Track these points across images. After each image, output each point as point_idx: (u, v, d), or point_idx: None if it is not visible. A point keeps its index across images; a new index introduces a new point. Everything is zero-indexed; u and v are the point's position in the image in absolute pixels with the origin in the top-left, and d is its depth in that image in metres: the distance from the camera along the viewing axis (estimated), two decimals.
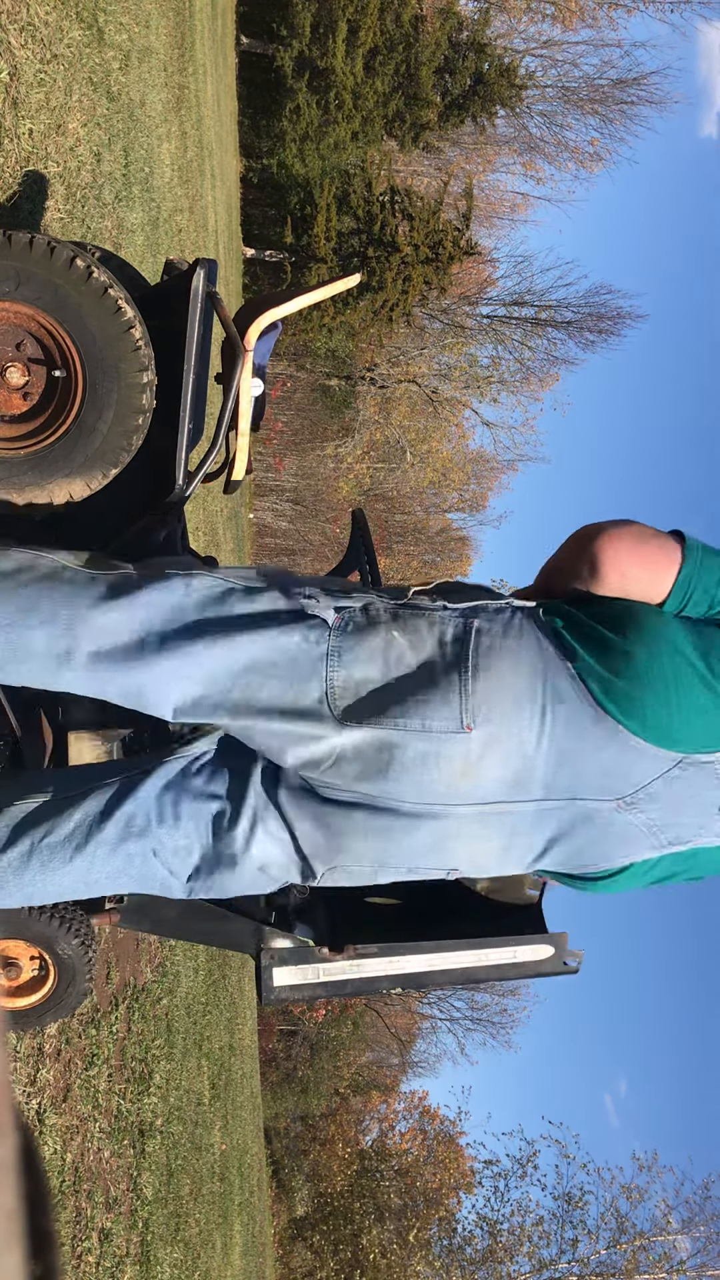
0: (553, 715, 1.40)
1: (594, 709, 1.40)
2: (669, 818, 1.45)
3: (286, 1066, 27.42)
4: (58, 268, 1.72)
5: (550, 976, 1.99)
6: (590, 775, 1.42)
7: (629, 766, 1.41)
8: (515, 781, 1.42)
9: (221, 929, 2.07)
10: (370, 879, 1.56)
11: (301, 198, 20.55)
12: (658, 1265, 22.30)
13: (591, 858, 1.51)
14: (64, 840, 1.53)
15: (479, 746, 1.40)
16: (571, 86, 28.27)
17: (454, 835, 1.47)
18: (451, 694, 1.40)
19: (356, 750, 1.43)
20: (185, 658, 1.44)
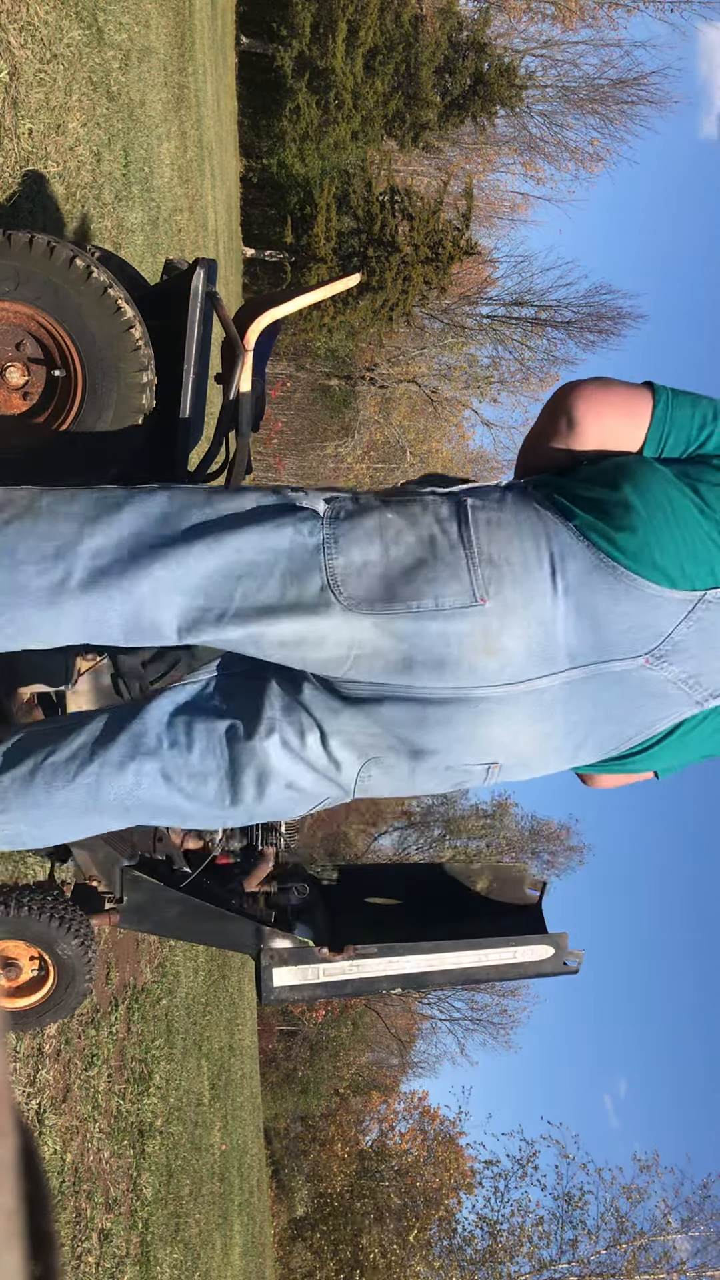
0: (563, 573, 1.37)
1: (602, 560, 1.38)
2: (702, 667, 1.42)
3: (286, 1067, 27.41)
4: (57, 268, 1.72)
5: (550, 977, 1.99)
6: (612, 632, 1.38)
7: (649, 615, 1.38)
8: (540, 652, 1.38)
9: (221, 929, 2.07)
10: (408, 780, 1.49)
11: (301, 198, 20.55)
12: (658, 1265, 22.30)
13: (634, 728, 1.46)
14: (68, 759, 1.49)
15: (497, 618, 1.36)
16: (571, 86, 28.28)
17: (487, 721, 1.41)
18: (459, 566, 1.36)
19: (372, 643, 1.38)
20: (180, 565, 1.38)
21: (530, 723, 1.42)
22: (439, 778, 1.49)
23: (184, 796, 1.50)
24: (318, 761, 1.47)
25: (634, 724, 1.46)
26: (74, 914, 2.10)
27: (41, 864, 2.65)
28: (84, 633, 1.43)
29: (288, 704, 1.46)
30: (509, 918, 2.11)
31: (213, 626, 1.40)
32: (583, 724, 1.45)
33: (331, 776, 1.48)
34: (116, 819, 1.53)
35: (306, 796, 1.51)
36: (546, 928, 2.08)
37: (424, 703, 1.41)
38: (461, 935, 1.99)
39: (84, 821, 1.52)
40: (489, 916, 2.13)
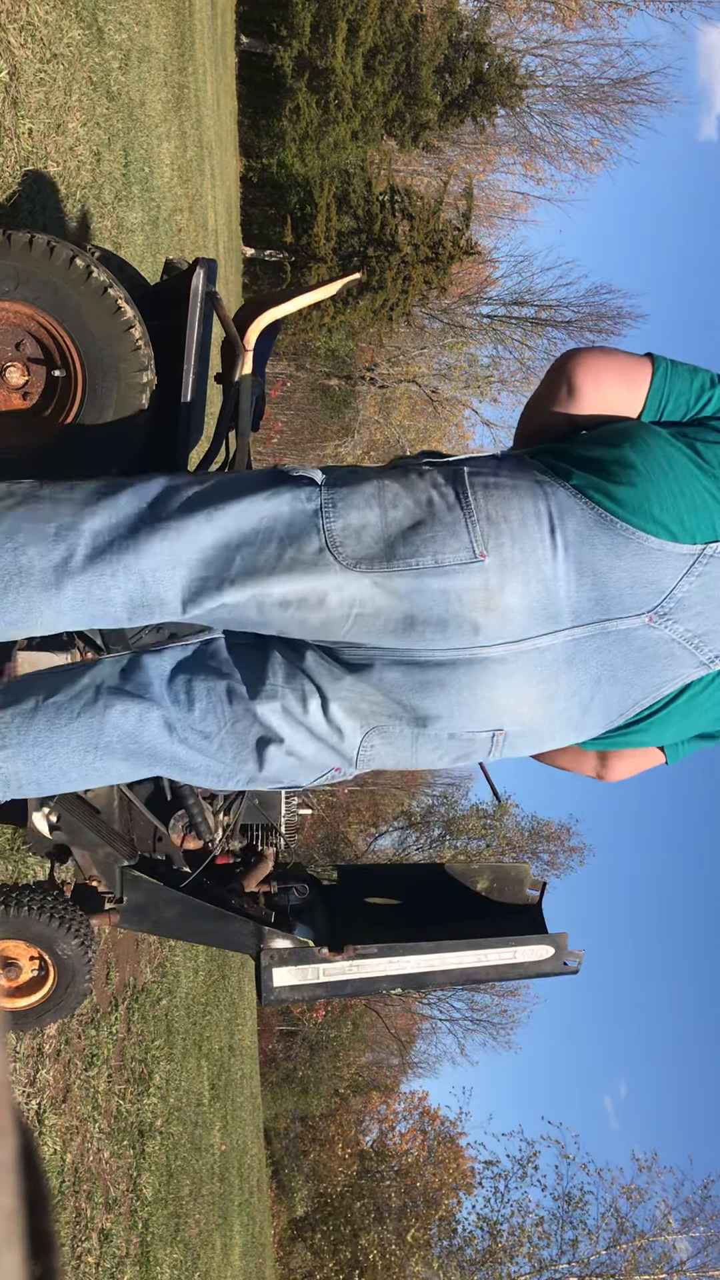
0: (562, 530, 1.37)
1: (601, 515, 1.38)
2: (707, 625, 1.41)
3: (286, 1067, 27.40)
4: (57, 268, 1.72)
5: (550, 977, 1.99)
6: (614, 589, 1.38)
7: (650, 571, 1.38)
8: (541, 610, 1.38)
9: (221, 929, 2.07)
10: (410, 750, 1.48)
11: (301, 197, 20.54)
12: (658, 1266, 22.30)
13: (640, 690, 1.45)
14: (71, 699, 1.49)
15: (497, 575, 1.36)
16: (571, 86, 28.27)
17: (490, 683, 1.40)
18: (458, 525, 1.37)
19: (372, 602, 1.38)
20: (179, 537, 1.39)
21: (533, 684, 1.41)
22: (443, 747, 1.48)
23: (187, 748, 1.49)
24: (319, 728, 1.46)
25: (639, 685, 1.45)
26: (74, 914, 2.10)
27: (41, 864, 2.65)
28: (87, 613, 1.43)
29: (290, 671, 1.46)
30: (509, 918, 2.11)
31: (215, 593, 1.41)
32: (587, 685, 1.43)
33: (334, 745, 1.47)
34: (118, 764, 1.51)
35: (308, 765, 1.50)
36: (546, 928, 2.08)
37: (425, 665, 1.40)
38: (461, 935, 1.99)
39: (84, 763, 1.50)
40: (489, 916, 2.13)
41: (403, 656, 1.41)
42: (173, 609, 1.43)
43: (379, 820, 29.88)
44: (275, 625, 1.43)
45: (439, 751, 1.48)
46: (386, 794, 29.76)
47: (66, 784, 1.54)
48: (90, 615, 1.43)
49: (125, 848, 2.09)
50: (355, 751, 1.48)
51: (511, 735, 1.46)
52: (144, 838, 2.17)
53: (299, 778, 1.52)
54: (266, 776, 1.51)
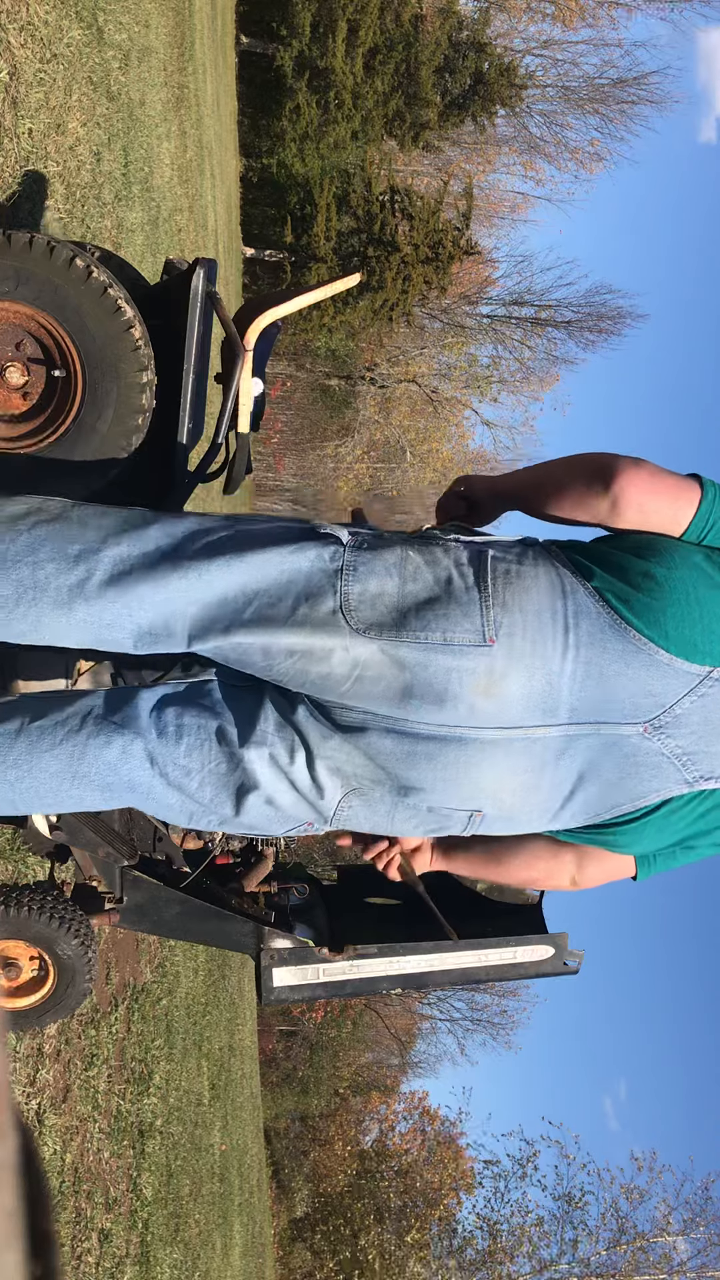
0: (575, 629, 1.38)
1: (616, 622, 1.39)
2: (699, 745, 1.42)
3: (286, 1067, 27.40)
4: (57, 267, 1.72)
5: (550, 977, 1.99)
6: (616, 695, 1.39)
7: (655, 684, 1.39)
8: (540, 703, 1.39)
9: (221, 929, 2.07)
10: (388, 817, 1.49)
11: (301, 197, 20.54)
12: (658, 1266, 22.30)
13: (622, 795, 1.46)
14: (56, 724, 1.49)
15: (502, 661, 1.37)
16: (571, 86, 28.26)
17: (476, 764, 1.41)
18: (472, 607, 1.38)
19: (375, 667, 1.39)
20: (199, 578, 1.41)
21: (519, 771, 1.43)
22: (419, 819, 1.49)
23: (165, 784, 1.50)
24: (301, 782, 1.47)
25: (622, 791, 1.46)
26: (74, 914, 2.10)
27: (41, 864, 2.65)
28: (92, 637, 1.45)
29: (281, 721, 1.47)
30: (509, 918, 2.11)
31: (223, 634, 1.42)
32: (570, 780, 1.45)
33: (312, 800, 1.49)
34: (93, 793, 1.51)
35: (283, 816, 1.51)
36: (546, 928, 2.08)
37: (416, 737, 1.42)
38: (462, 935, 1.99)
39: (60, 790, 1.50)
40: (489, 916, 2.13)
41: (395, 725, 1.42)
42: (179, 642, 1.45)
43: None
44: (277, 672, 1.44)
45: (414, 822, 1.50)
46: None
47: (42, 807, 1.54)
48: (96, 638, 1.45)
49: (125, 848, 2.09)
50: (332, 810, 1.50)
51: (488, 817, 1.48)
52: (144, 838, 2.17)
53: (272, 827, 1.54)
54: (241, 822, 1.52)
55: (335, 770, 1.46)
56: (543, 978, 2.00)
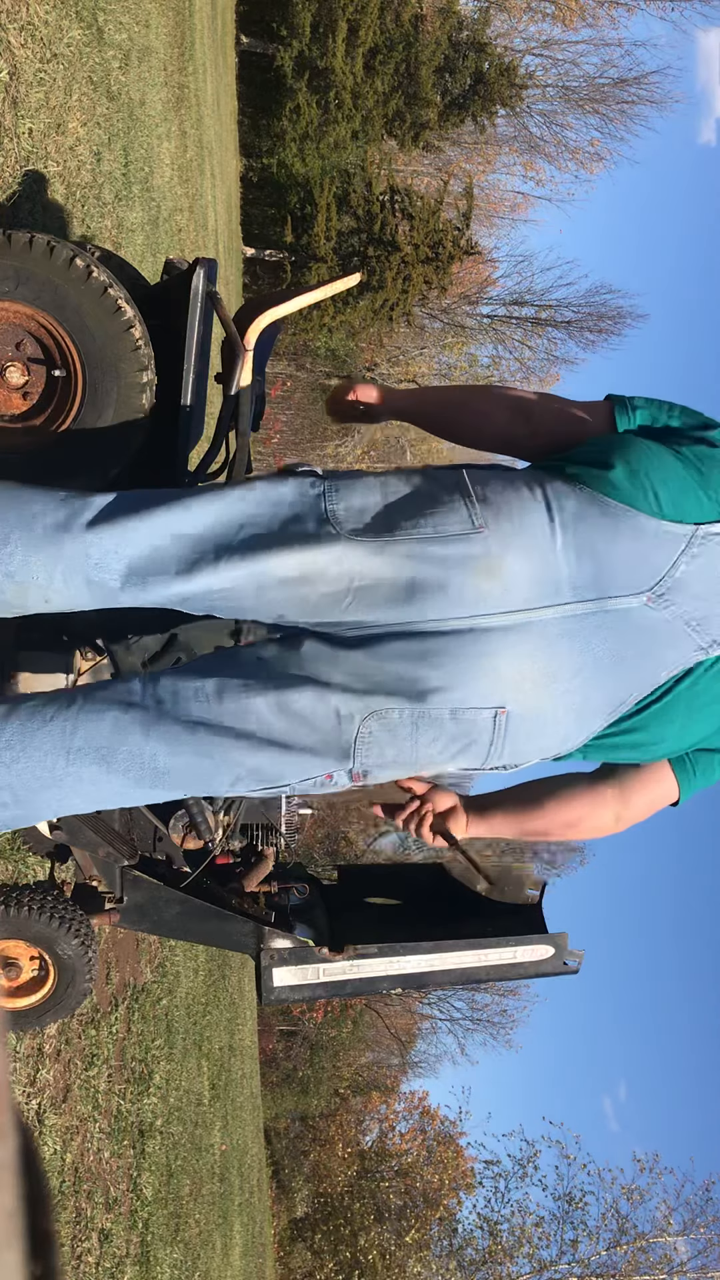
0: (559, 510, 1.42)
1: (596, 498, 1.43)
2: (707, 610, 1.43)
3: (286, 1067, 27.40)
4: (57, 267, 1.72)
5: (550, 976, 1.99)
6: (612, 566, 1.41)
7: (647, 549, 1.41)
8: (541, 581, 1.40)
9: (221, 929, 2.07)
10: (410, 739, 1.43)
11: (301, 197, 20.54)
12: (658, 1267, 22.30)
13: (642, 673, 1.44)
14: (47, 702, 1.48)
15: (497, 544, 1.39)
16: (572, 86, 28.26)
17: (491, 653, 1.39)
18: (456, 504, 1.42)
19: (373, 571, 1.40)
20: (185, 511, 1.44)
21: (536, 657, 1.40)
22: (444, 734, 1.43)
23: (167, 748, 1.44)
24: (315, 718, 1.42)
25: (641, 668, 1.44)
26: (74, 914, 2.10)
27: (41, 864, 2.65)
28: (82, 579, 1.44)
29: (284, 663, 1.44)
30: (509, 918, 2.11)
31: (212, 566, 1.42)
32: (589, 665, 1.42)
33: (328, 735, 1.43)
34: (92, 765, 1.45)
35: (298, 761, 1.45)
36: (546, 928, 2.08)
37: (426, 636, 1.41)
38: (461, 935, 1.99)
39: (56, 767, 1.45)
40: (489, 916, 2.12)
41: (403, 629, 1.41)
42: (167, 577, 1.43)
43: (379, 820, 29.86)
44: (273, 606, 1.43)
45: (440, 740, 1.44)
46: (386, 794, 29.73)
47: (44, 788, 1.47)
48: (86, 579, 1.44)
49: (125, 848, 2.09)
50: (352, 741, 1.43)
51: (514, 717, 1.42)
52: (144, 838, 2.17)
53: (287, 774, 1.47)
54: (254, 774, 1.46)
55: (349, 694, 1.41)
56: (543, 977, 2.00)
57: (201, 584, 1.42)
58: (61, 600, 1.47)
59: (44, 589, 1.45)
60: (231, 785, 1.49)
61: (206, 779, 1.48)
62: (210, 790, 1.50)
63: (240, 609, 1.46)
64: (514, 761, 1.50)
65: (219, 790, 1.50)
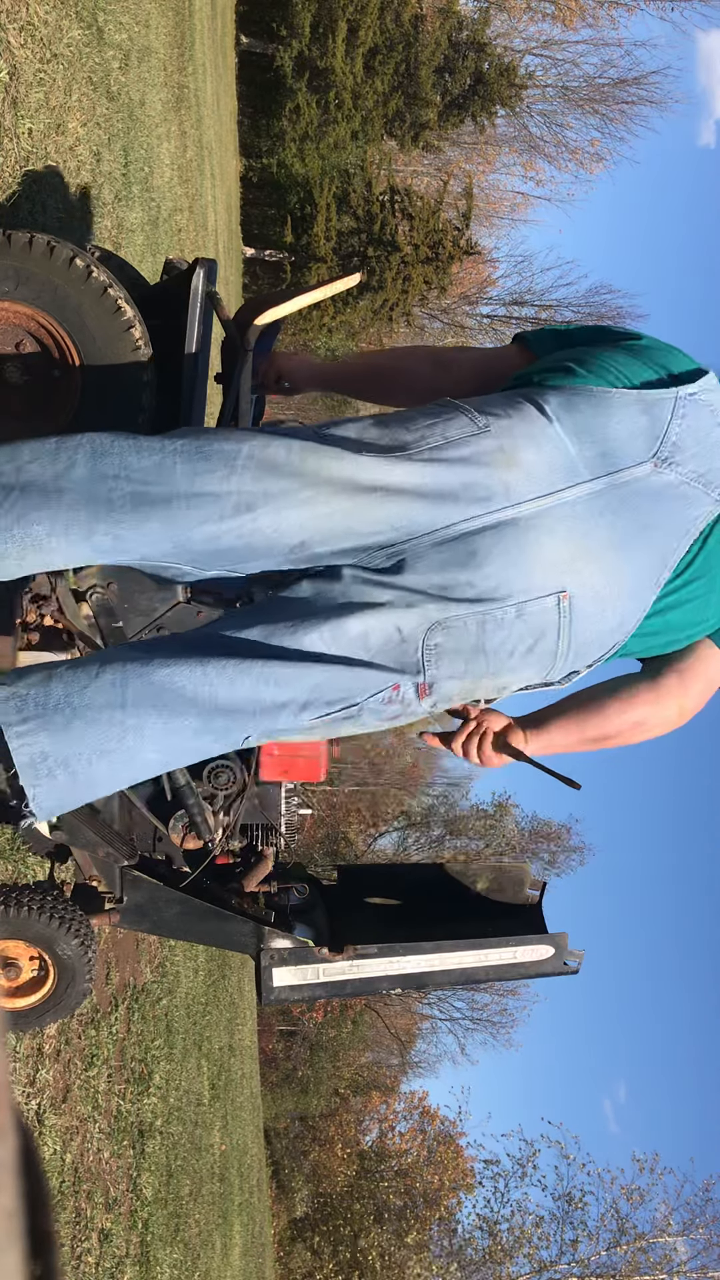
0: (546, 404, 1.47)
1: (575, 389, 1.49)
2: (706, 464, 1.50)
3: (286, 1067, 27.40)
4: (57, 267, 1.72)
5: (550, 977, 1.99)
6: (612, 441, 1.46)
7: (635, 421, 1.47)
8: (558, 464, 1.44)
9: (221, 929, 2.07)
10: (477, 643, 1.41)
11: (301, 197, 20.54)
12: (658, 1267, 22.30)
13: (672, 535, 1.49)
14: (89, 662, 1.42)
15: (507, 438, 1.44)
16: (572, 86, 28.28)
17: (536, 539, 1.42)
18: (455, 414, 1.47)
19: (397, 484, 1.41)
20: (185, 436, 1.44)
21: (574, 536, 1.44)
22: (514, 631, 1.42)
23: (227, 685, 1.37)
24: (376, 637, 1.39)
25: (667, 531, 1.49)
26: (74, 914, 2.10)
27: (41, 864, 2.65)
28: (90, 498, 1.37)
29: (328, 601, 1.41)
30: (509, 918, 2.11)
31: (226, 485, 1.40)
32: (622, 537, 1.46)
33: (392, 651, 1.39)
34: (152, 715, 1.37)
35: (365, 676, 1.40)
36: (546, 928, 2.08)
37: (468, 536, 1.42)
38: (462, 935, 1.99)
39: (112, 723, 1.35)
40: (489, 917, 2.13)
41: (437, 537, 1.42)
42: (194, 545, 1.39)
43: (379, 820, 29.88)
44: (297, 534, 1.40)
45: (510, 639, 1.42)
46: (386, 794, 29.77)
47: (100, 749, 1.37)
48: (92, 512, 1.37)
49: (125, 848, 2.09)
50: (419, 655, 1.40)
51: (576, 599, 1.43)
52: (144, 838, 2.17)
53: (354, 691, 1.41)
54: (319, 694, 1.40)
55: (404, 610, 1.39)
56: (543, 977, 2.00)
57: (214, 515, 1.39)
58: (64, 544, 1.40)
59: (43, 535, 1.38)
60: (299, 713, 1.41)
61: (272, 709, 1.40)
62: (278, 722, 1.42)
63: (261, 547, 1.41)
64: (577, 666, 1.51)
65: (286, 721, 1.42)
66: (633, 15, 28.89)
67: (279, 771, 2.03)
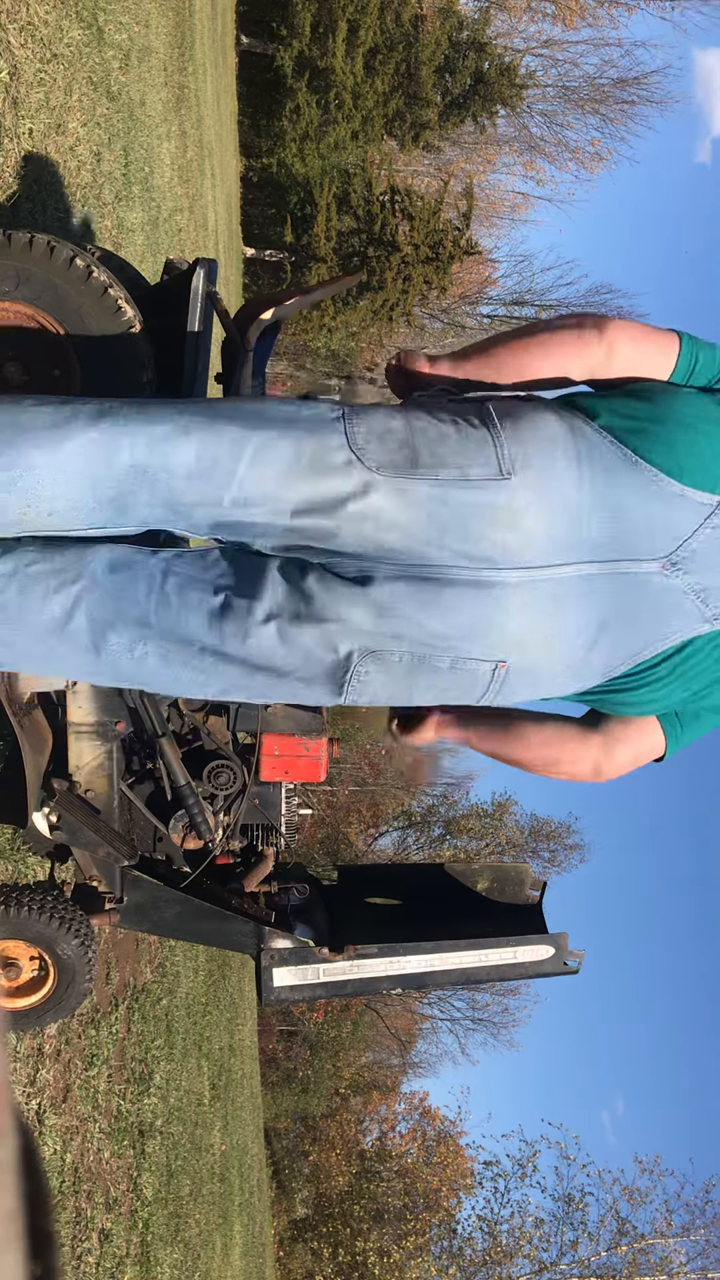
0: (589, 463, 1.38)
1: (626, 455, 1.39)
2: (716, 579, 1.42)
3: (286, 1067, 27.40)
4: (57, 267, 1.72)
5: (551, 977, 1.99)
6: (633, 529, 1.38)
7: (670, 516, 1.39)
8: (562, 538, 1.37)
9: (221, 929, 2.07)
10: (406, 679, 1.43)
11: (301, 197, 20.54)
12: (658, 1268, 22.29)
13: (643, 638, 1.44)
14: (53, 570, 1.43)
15: (522, 494, 1.36)
16: (572, 86, 28.28)
17: (502, 607, 1.38)
18: (485, 445, 1.37)
19: (390, 510, 1.35)
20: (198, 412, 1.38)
21: (542, 616, 1.39)
22: (440, 681, 1.44)
23: (159, 658, 1.44)
24: (316, 650, 1.41)
25: (645, 633, 1.44)
26: (74, 914, 2.10)
27: (41, 864, 2.65)
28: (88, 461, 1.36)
29: (290, 588, 1.41)
30: (509, 918, 2.11)
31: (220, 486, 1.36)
32: (594, 625, 1.42)
33: (325, 668, 1.42)
34: (82, 655, 1.45)
35: (290, 687, 1.45)
36: (547, 928, 2.08)
37: (436, 582, 1.38)
38: (462, 935, 1.99)
39: (47, 646, 1.45)
40: (489, 916, 2.13)
41: (413, 571, 1.38)
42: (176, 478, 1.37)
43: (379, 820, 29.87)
44: (285, 533, 1.39)
45: (436, 685, 1.44)
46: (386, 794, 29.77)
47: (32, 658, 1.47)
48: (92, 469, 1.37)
49: (125, 848, 2.09)
50: (347, 676, 1.43)
51: (513, 671, 1.43)
52: (144, 838, 2.17)
53: (272, 696, 1.48)
54: (241, 691, 1.46)
55: (351, 633, 1.40)
56: (543, 977, 2.00)
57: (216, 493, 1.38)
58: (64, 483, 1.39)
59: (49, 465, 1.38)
60: (219, 696, 1.50)
61: (200, 688, 1.48)
62: (193, 694, 1.51)
63: (250, 532, 1.41)
64: (503, 704, 1.51)
65: (201, 695, 1.51)
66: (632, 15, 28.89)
67: (279, 771, 2.03)
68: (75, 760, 2.02)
